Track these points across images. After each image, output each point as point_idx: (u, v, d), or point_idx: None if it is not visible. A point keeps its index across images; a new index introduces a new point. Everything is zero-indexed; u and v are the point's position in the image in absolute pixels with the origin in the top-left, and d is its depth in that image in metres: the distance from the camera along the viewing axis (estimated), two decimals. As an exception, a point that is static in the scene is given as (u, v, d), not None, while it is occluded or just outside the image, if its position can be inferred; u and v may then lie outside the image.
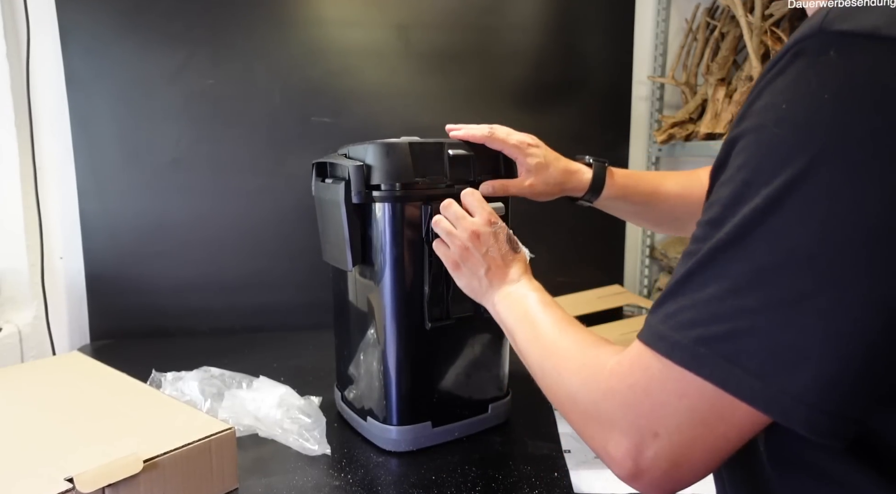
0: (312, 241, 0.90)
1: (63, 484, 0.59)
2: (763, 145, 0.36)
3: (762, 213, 0.35)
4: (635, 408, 0.40)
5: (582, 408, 0.46)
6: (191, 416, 0.75)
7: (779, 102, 0.36)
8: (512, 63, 1.44)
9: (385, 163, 0.77)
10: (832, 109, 0.33)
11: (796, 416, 0.34)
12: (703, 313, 0.37)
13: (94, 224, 1.30)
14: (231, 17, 1.29)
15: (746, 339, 0.35)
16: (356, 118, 1.36)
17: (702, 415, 0.38)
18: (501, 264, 0.69)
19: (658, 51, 1.53)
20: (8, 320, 1.24)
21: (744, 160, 0.37)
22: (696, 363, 0.37)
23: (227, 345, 1.26)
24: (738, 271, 0.36)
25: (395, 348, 0.81)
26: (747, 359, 0.35)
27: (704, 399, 0.37)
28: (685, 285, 0.39)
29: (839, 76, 0.33)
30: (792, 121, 0.35)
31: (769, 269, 0.35)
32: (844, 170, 0.33)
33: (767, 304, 0.35)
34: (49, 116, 1.27)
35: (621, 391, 0.42)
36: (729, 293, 0.36)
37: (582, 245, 1.54)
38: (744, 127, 0.38)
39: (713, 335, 0.36)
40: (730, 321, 0.36)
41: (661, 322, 0.39)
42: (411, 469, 0.79)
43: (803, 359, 0.34)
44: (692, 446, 0.38)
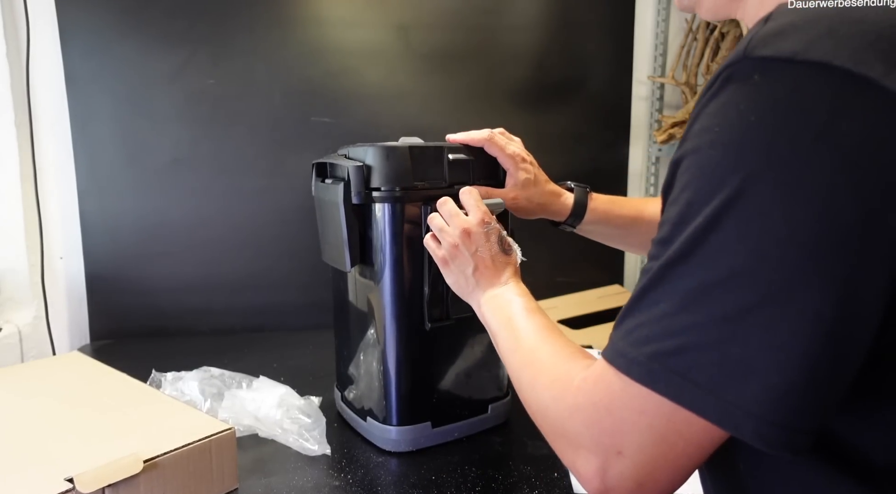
0: (312, 241, 0.90)
1: (63, 484, 0.59)
2: (701, 167, 0.38)
3: (704, 231, 0.37)
4: (599, 426, 0.41)
5: (552, 423, 0.47)
6: (191, 416, 0.75)
7: (713, 126, 0.37)
8: (512, 63, 1.44)
9: (385, 166, 0.77)
10: (758, 131, 0.35)
11: (746, 428, 0.35)
12: (656, 329, 0.38)
13: (94, 224, 1.30)
14: (231, 17, 1.29)
15: (696, 354, 0.36)
16: (356, 118, 1.36)
17: (661, 432, 0.38)
18: (490, 264, 0.69)
19: (658, 51, 1.53)
20: (8, 320, 1.24)
21: (686, 181, 0.39)
22: (650, 378, 0.38)
23: (227, 345, 1.26)
24: (686, 288, 0.37)
25: (395, 348, 0.81)
26: (698, 373, 0.36)
27: (662, 416, 0.38)
28: (641, 302, 0.40)
29: (763, 100, 0.35)
30: (724, 143, 0.37)
31: (713, 285, 0.36)
32: (773, 189, 0.35)
33: (714, 319, 0.36)
34: (49, 116, 1.27)
35: (586, 409, 0.42)
36: (679, 309, 0.37)
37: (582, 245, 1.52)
38: (685, 149, 0.40)
39: (666, 351, 0.37)
40: (680, 337, 0.37)
41: (620, 339, 0.40)
42: (411, 470, 0.79)
43: (750, 372, 0.35)
44: (655, 464, 0.39)
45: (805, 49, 0.34)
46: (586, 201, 0.84)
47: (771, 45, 0.36)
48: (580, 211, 0.84)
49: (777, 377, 0.34)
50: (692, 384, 0.36)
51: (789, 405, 0.35)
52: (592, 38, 1.50)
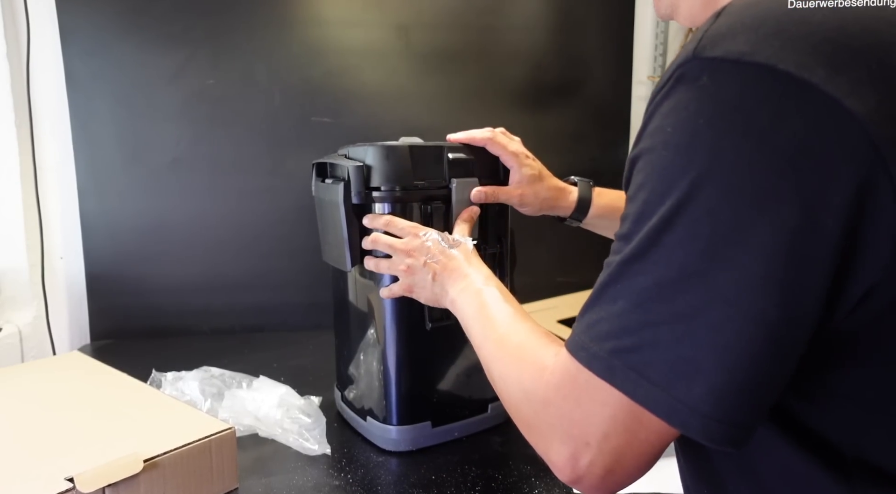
0: (312, 241, 0.90)
1: (63, 484, 0.59)
2: (654, 167, 0.39)
3: (658, 232, 0.37)
4: (568, 418, 0.42)
5: (525, 416, 0.48)
6: (191, 416, 0.75)
7: (665, 126, 0.38)
8: (512, 63, 1.44)
9: (384, 165, 0.77)
10: (707, 134, 0.36)
11: (693, 426, 0.36)
12: (615, 325, 0.39)
13: (94, 224, 1.30)
14: (231, 17, 1.29)
15: (651, 351, 0.37)
16: (356, 118, 1.36)
17: (624, 423, 0.39)
18: (443, 266, 0.70)
19: (658, 51, 1.53)
20: (8, 320, 1.24)
21: (642, 180, 0.40)
22: (609, 373, 0.39)
23: (227, 345, 1.26)
24: (642, 286, 0.38)
25: (395, 348, 0.81)
26: (652, 371, 0.37)
27: (623, 408, 0.39)
28: (601, 297, 0.41)
29: (710, 103, 0.36)
30: (675, 144, 0.37)
31: (666, 285, 0.37)
32: (722, 191, 0.35)
33: (666, 318, 0.37)
34: (49, 116, 1.26)
35: (555, 403, 0.43)
36: (635, 307, 0.38)
37: (582, 245, 1.53)
38: (640, 147, 0.40)
39: (624, 348, 0.38)
40: (636, 334, 0.38)
41: (583, 332, 0.42)
42: (411, 469, 0.79)
43: (696, 371, 0.36)
44: (621, 452, 0.40)
45: (752, 51, 0.35)
46: (590, 196, 0.85)
47: (720, 46, 0.36)
48: (585, 205, 0.84)
49: (722, 377, 0.35)
50: (647, 381, 0.37)
51: (733, 403, 0.36)
52: (592, 38, 1.50)
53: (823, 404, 0.40)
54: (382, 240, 0.75)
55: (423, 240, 0.72)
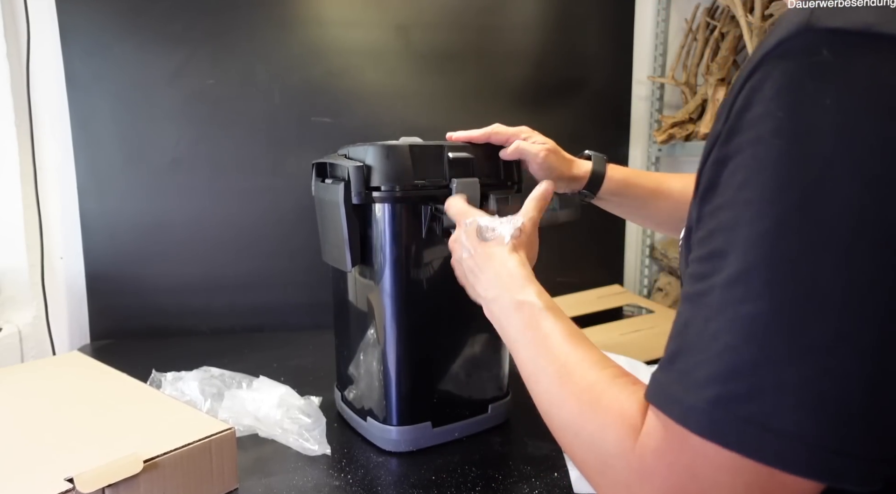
0: (312, 241, 0.90)
1: (63, 484, 0.59)
2: (762, 160, 0.32)
3: (772, 238, 0.30)
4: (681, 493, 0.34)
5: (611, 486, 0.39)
6: (191, 416, 0.75)
7: (773, 110, 0.31)
8: (512, 63, 1.44)
9: (385, 165, 0.77)
10: (835, 116, 0.30)
11: (851, 474, 0.30)
12: (719, 367, 0.31)
13: (94, 224, 1.30)
14: (231, 17, 1.29)
15: (774, 396, 0.30)
16: (356, 118, 1.36)
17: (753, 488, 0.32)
18: (476, 262, 0.63)
19: (658, 51, 1.53)
20: (8, 320, 1.24)
21: (743, 178, 0.32)
22: (716, 430, 0.31)
23: (227, 345, 1.26)
24: (755, 313, 0.30)
25: (395, 348, 0.81)
26: (779, 420, 0.30)
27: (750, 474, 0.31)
28: (694, 335, 0.33)
29: (840, 79, 0.30)
30: (792, 130, 0.31)
31: (791, 308, 0.30)
32: (862, 183, 0.29)
33: (795, 351, 0.30)
34: (49, 116, 1.27)
35: (661, 474, 0.34)
36: (746, 342, 0.31)
37: (582, 245, 1.54)
38: (736, 142, 0.33)
39: (732, 395, 0.31)
40: (751, 376, 0.30)
41: (674, 382, 0.34)
42: (411, 470, 0.79)
43: (847, 409, 0.29)
44: None
45: (881, 22, 0.30)
46: (604, 170, 0.83)
47: (840, 16, 0.31)
48: (598, 179, 0.83)
49: (879, 411, 0.29)
50: (774, 435, 0.30)
51: (887, 437, 0.30)
52: (592, 38, 1.50)
53: None
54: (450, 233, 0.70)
55: (467, 226, 0.65)
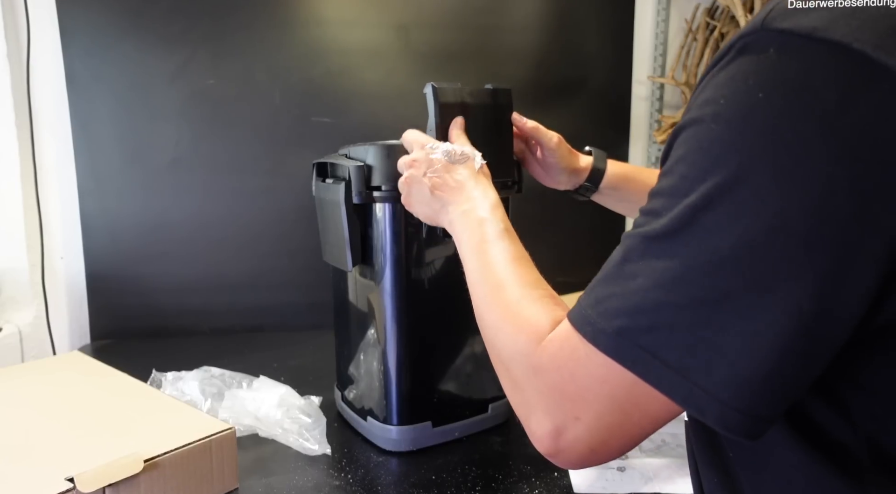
0: (312, 241, 0.90)
1: (63, 484, 0.59)
2: (700, 141, 0.36)
3: (694, 210, 0.35)
4: (560, 391, 0.41)
5: (512, 377, 0.47)
6: (191, 416, 0.75)
7: (717, 97, 0.36)
8: (512, 63, 1.44)
9: (385, 165, 0.77)
10: (764, 111, 0.33)
11: (710, 412, 0.35)
12: (629, 302, 0.37)
13: (94, 224, 1.30)
14: (231, 17, 1.29)
15: (667, 333, 0.36)
16: (356, 118, 1.36)
17: (621, 402, 0.38)
18: (445, 180, 0.66)
19: (658, 51, 1.53)
20: (8, 320, 1.24)
21: (683, 153, 0.37)
22: (618, 351, 0.37)
23: (227, 345, 1.26)
24: (667, 266, 0.36)
25: (395, 348, 0.81)
26: (667, 353, 0.36)
27: (624, 387, 0.38)
28: (617, 272, 0.39)
29: (774, 77, 0.34)
30: (727, 118, 0.35)
31: (695, 267, 0.35)
32: (772, 174, 0.33)
33: (691, 302, 0.35)
34: (49, 116, 1.26)
35: (549, 372, 0.42)
36: (656, 287, 0.36)
37: (582, 245, 1.54)
38: (687, 118, 0.38)
39: (637, 326, 0.37)
40: (652, 314, 0.36)
41: (590, 306, 0.40)
42: (411, 469, 0.79)
43: (720, 358, 0.34)
44: (610, 432, 0.40)
45: (826, 26, 0.32)
46: (605, 165, 0.86)
47: (791, 19, 0.34)
48: (598, 174, 0.86)
49: (747, 366, 0.34)
50: (660, 363, 0.36)
51: (755, 393, 0.34)
52: (592, 38, 1.50)
53: (842, 400, 0.38)
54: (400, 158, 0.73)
55: (427, 152, 0.68)
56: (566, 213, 0.98)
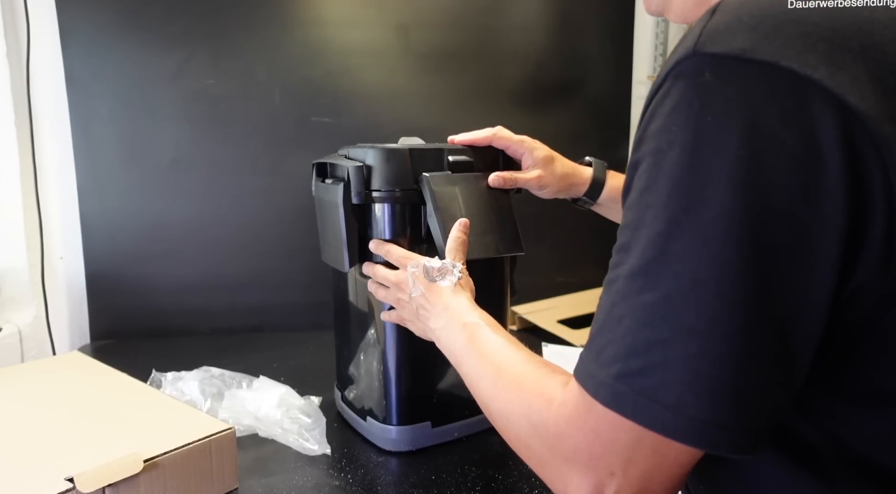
0: (312, 241, 0.90)
1: (63, 484, 0.59)
2: (659, 168, 0.37)
3: (663, 237, 0.36)
4: (588, 452, 0.40)
5: (536, 454, 0.46)
6: (191, 416, 0.75)
7: (669, 125, 0.37)
8: (512, 63, 1.44)
9: (385, 168, 0.77)
10: (715, 131, 0.35)
11: (722, 442, 0.35)
12: (621, 347, 0.37)
13: (94, 224, 1.30)
14: (231, 17, 1.29)
15: (662, 373, 0.35)
16: (356, 118, 1.36)
17: (643, 450, 0.38)
18: (426, 298, 0.68)
19: (658, 51, 1.53)
20: (8, 320, 1.24)
21: (644, 184, 0.38)
22: (618, 401, 0.37)
23: (227, 345, 1.26)
24: (649, 302, 0.36)
25: (395, 348, 0.81)
26: (664, 394, 0.35)
27: (638, 436, 0.37)
28: (606, 319, 0.39)
29: (717, 99, 0.35)
30: (682, 144, 0.36)
31: (675, 298, 0.35)
32: (734, 193, 0.34)
33: (678, 334, 0.35)
34: (49, 116, 1.26)
35: (572, 436, 0.41)
36: (642, 326, 0.36)
37: (582, 245, 1.54)
38: (643, 151, 0.38)
39: (630, 371, 0.36)
40: (644, 355, 0.36)
41: (591, 360, 0.39)
42: (411, 469, 0.79)
43: (720, 385, 0.34)
44: (648, 478, 0.39)
45: (753, 48, 0.34)
46: (604, 176, 0.85)
47: (720, 42, 0.35)
48: (598, 185, 0.84)
49: (747, 387, 0.34)
50: (660, 406, 0.35)
51: (758, 411, 0.35)
52: (592, 39, 1.50)
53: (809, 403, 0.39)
54: (379, 273, 0.75)
55: (410, 273, 0.70)
56: (566, 213, 0.97)
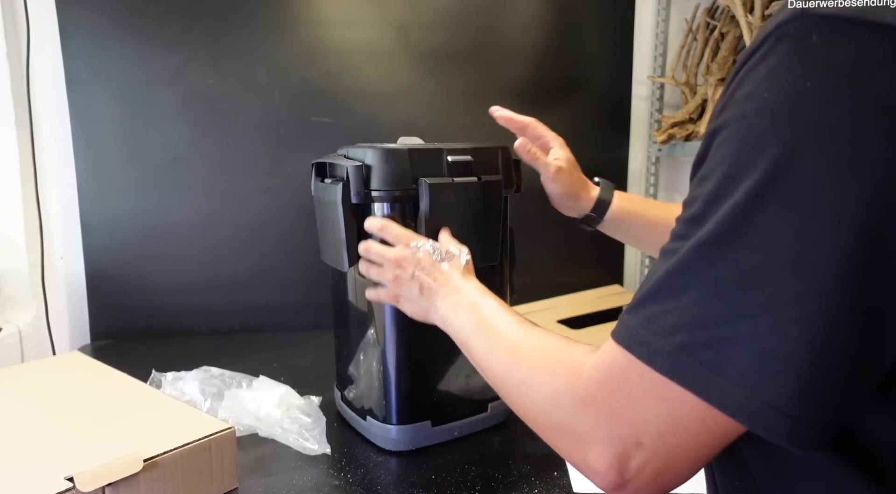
0: (312, 241, 0.90)
1: (63, 484, 0.59)
2: (744, 137, 0.34)
3: (744, 210, 0.33)
4: (617, 417, 0.38)
5: (557, 421, 0.44)
6: (191, 416, 0.75)
7: (761, 91, 0.34)
8: (512, 63, 1.44)
9: (384, 168, 0.77)
10: (814, 99, 0.32)
11: (780, 430, 0.33)
12: (686, 318, 0.35)
13: (94, 224, 1.30)
14: (231, 17, 1.29)
15: (729, 347, 0.34)
16: (356, 118, 1.36)
17: (684, 422, 0.36)
18: (433, 279, 0.67)
19: (658, 51, 1.53)
20: (8, 320, 1.24)
21: (725, 153, 0.35)
22: (677, 371, 0.35)
23: (227, 345, 1.26)
24: (722, 274, 0.34)
25: (394, 347, 0.81)
26: (730, 368, 0.34)
27: (686, 407, 0.36)
28: (666, 287, 0.37)
29: (822, 64, 0.32)
30: (773, 111, 0.33)
31: (753, 272, 0.33)
32: (827, 166, 0.31)
33: (752, 310, 0.33)
34: (49, 116, 1.27)
35: (602, 399, 0.39)
36: (712, 298, 0.34)
37: (582, 245, 1.53)
38: (725, 117, 0.36)
39: (696, 343, 0.35)
40: (713, 328, 0.34)
41: (641, 326, 0.38)
42: (411, 469, 0.79)
43: (787, 368, 0.32)
44: (675, 454, 0.37)
45: (873, 10, 0.31)
46: (610, 197, 0.85)
47: (834, 1, 0.32)
48: (603, 206, 0.85)
49: (816, 375, 0.32)
50: (723, 379, 0.34)
51: (823, 403, 0.33)
52: (592, 38, 1.50)
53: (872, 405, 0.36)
54: (375, 249, 0.73)
55: (415, 251, 0.69)
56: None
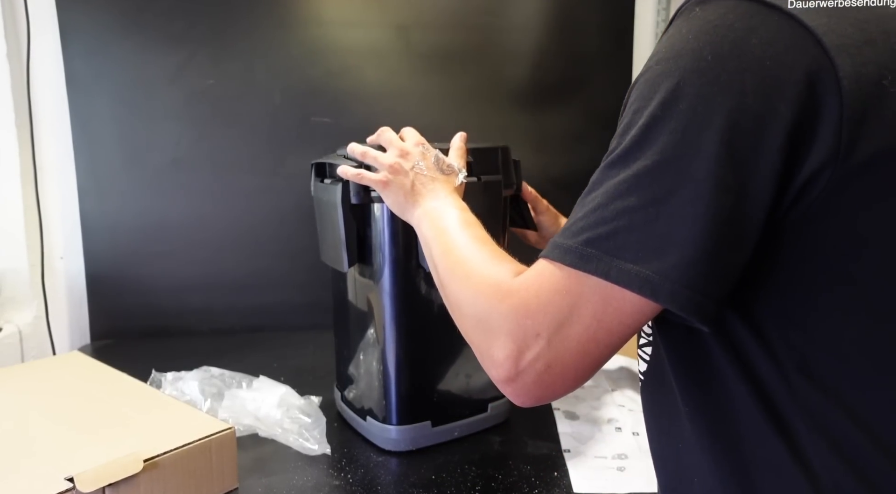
0: (312, 241, 0.90)
1: (63, 484, 0.59)
2: (647, 80, 0.44)
3: (644, 130, 0.42)
4: (524, 310, 0.45)
5: (478, 312, 0.50)
6: (191, 416, 0.76)
7: (660, 50, 0.45)
8: (512, 63, 1.44)
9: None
10: (691, 43, 0.42)
11: (662, 292, 0.40)
12: (591, 220, 0.43)
13: (94, 224, 1.30)
14: (231, 17, 1.29)
15: (625, 235, 0.41)
16: (356, 118, 1.36)
17: (580, 311, 0.43)
18: (428, 180, 0.71)
19: (658, 51, 1.53)
20: (8, 320, 1.24)
21: (634, 97, 0.45)
22: (583, 261, 0.42)
23: (227, 345, 1.26)
24: (620, 180, 0.42)
25: (394, 348, 0.81)
26: (626, 251, 0.41)
27: (585, 294, 0.43)
28: (581, 203, 0.45)
29: (699, 23, 0.43)
30: (666, 57, 0.44)
31: (643, 174, 0.42)
32: (700, 87, 0.41)
33: (642, 203, 0.41)
34: (49, 116, 1.27)
35: (516, 294, 0.46)
36: (611, 199, 0.42)
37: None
38: (637, 76, 0.46)
39: (598, 236, 0.42)
40: (611, 222, 0.42)
41: (560, 236, 0.45)
42: (411, 469, 0.79)
43: (670, 244, 0.40)
44: (566, 346, 0.44)
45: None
46: None
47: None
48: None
49: (692, 249, 0.40)
50: (621, 260, 0.41)
51: (700, 273, 0.40)
52: (592, 38, 1.50)
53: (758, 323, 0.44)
54: (387, 134, 0.76)
55: (422, 151, 0.73)
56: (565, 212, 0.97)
